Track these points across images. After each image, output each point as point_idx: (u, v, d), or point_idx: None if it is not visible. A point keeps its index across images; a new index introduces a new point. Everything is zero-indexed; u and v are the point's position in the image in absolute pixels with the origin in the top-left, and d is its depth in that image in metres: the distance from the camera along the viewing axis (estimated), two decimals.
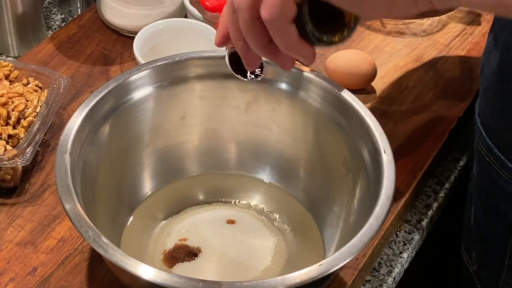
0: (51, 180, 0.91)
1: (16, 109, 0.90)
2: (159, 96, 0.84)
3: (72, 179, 0.71)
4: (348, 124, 0.81)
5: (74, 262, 0.83)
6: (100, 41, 1.11)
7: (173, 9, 1.11)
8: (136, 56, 0.98)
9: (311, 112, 0.84)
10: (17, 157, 0.86)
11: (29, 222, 0.86)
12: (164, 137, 0.87)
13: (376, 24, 1.18)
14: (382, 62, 1.10)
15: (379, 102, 1.04)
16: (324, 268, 0.66)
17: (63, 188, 0.70)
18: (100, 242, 0.66)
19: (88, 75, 1.05)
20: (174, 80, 0.84)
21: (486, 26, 1.18)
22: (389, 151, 0.76)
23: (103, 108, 0.79)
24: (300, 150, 0.87)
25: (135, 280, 0.69)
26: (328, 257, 0.68)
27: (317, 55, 1.09)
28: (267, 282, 0.65)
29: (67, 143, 0.74)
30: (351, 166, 0.81)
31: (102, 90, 0.79)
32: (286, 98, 0.85)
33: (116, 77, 0.81)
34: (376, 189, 0.73)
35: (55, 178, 0.72)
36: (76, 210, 0.68)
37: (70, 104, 1.01)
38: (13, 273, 0.81)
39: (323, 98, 0.83)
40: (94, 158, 0.78)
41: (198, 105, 0.87)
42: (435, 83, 1.08)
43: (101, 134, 0.79)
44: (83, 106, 0.77)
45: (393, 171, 0.74)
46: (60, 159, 0.72)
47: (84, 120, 0.76)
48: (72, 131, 0.75)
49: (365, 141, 0.78)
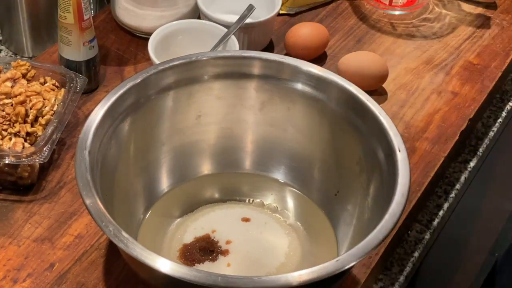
0: (67, 178, 0.92)
1: (34, 107, 0.91)
2: (176, 95, 0.85)
3: (91, 175, 0.72)
4: (363, 123, 0.82)
5: (91, 259, 0.84)
6: (114, 42, 1.13)
7: (187, 10, 1.13)
8: (151, 57, 0.99)
9: (325, 112, 0.85)
10: (35, 154, 0.87)
11: (46, 219, 0.88)
12: (181, 136, 0.88)
13: (387, 27, 1.19)
14: (393, 64, 1.11)
15: (390, 104, 1.06)
16: (341, 264, 0.67)
17: (83, 183, 0.71)
18: (120, 236, 0.67)
19: (103, 76, 1.07)
20: (191, 79, 0.85)
21: (495, 29, 1.19)
22: (404, 149, 0.77)
23: (122, 105, 0.80)
24: (314, 150, 0.88)
25: (153, 275, 0.70)
26: (343, 253, 0.69)
27: (329, 57, 1.12)
28: (284, 277, 0.66)
29: (87, 140, 0.75)
30: (365, 165, 0.82)
31: (121, 87, 0.80)
32: (301, 97, 0.86)
33: (134, 76, 0.82)
34: (391, 187, 0.74)
35: (75, 173, 0.72)
36: (97, 206, 0.69)
37: (85, 104, 1.02)
38: (30, 269, 0.82)
39: (338, 98, 0.84)
40: (113, 154, 0.79)
41: (214, 104, 0.88)
42: (446, 85, 1.09)
43: (120, 131, 0.80)
44: (102, 103, 0.78)
45: (408, 169, 0.75)
46: (80, 154, 0.73)
47: (104, 117, 0.77)
48: (92, 127, 0.76)
49: (380, 140, 0.79)
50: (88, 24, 0.98)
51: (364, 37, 1.17)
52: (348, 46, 1.15)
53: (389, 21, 1.20)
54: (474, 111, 1.06)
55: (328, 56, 1.12)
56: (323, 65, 1.11)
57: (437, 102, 1.06)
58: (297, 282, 0.66)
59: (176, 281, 0.66)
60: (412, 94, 1.07)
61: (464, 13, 1.22)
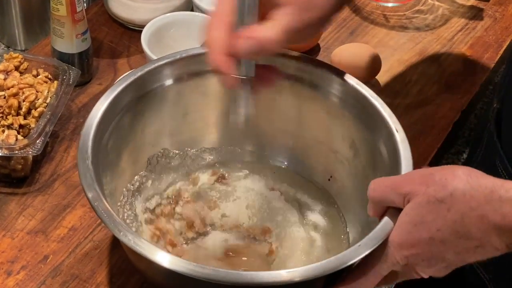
0: (61, 170, 0.92)
1: (27, 100, 0.91)
2: (178, 89, 0.84)
3: (94, 168, 0.71)
4: (355, 107, 0.81)
5: (85, 251, 0.84)
6: (107, 35, 1.13)
7: (180, 3, 1.12)
8: (145, 49, 0.99)
9: (314, 98, 0.84)
10: (28, 147, 0.87)
11: (39, 211, 0.87)
12: (182, 130, 0.87)
13: (380, 19, 1.19)
14: (386, 56, 1.11)
15: (383, 95, 1.03)
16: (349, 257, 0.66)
17: (85, 178, 0.69)
18: (139, 243, 0.65)
19: (96, 68, 1.06)
20: (191, 74, 0.84)
21: (488, 21, 1.19)
22: (401, 130, 0.76)
23: (123, 100, 0.78)
24: (307, 138, 0.87)
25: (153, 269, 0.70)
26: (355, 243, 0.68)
27: (322, 49, 1.12)
28: (278, 274, 0.65)
29: (87, 145, 0.72)
30: (360, 148, 0.81)
31: (124, 80, 0.79)
32: (287, 87, 0.85)
33: (131, 72, 0.80)
34: (394, 171, 0.73)
35: (77, 168, 0.70)
36: (113, 217, 0.67)
37: (79, 96, 1.02)
38: (24, 261, 0.82)
39: (327, 84, 0.83)
40: (114, 149, 0.78)
41: (202, 101, 0.87)
42: (439, 77, 1.09)
43: (122, 125, 0.79)
44: (104, 98, 0.77)
45: (409, 149, 0.74)
46: (83, 165, 0.71)
47: (105, 111, 0.76)
48: (93, 124, 0.74)
49: (375, 122, 0.78)
50: (80, 16, 0.98)
51: (357, 29, 1.17)
52: (341, 38, 1.15)
53: (382, 13, 1.20)
54: (467, 102, 1.06)
55: (322, 48, 1.13)
56: (316, 57, 1.11)
57: (430, 94, 1.07)
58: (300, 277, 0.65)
59: (175, 275, 0.65)
60: (405, 85, 1.08)
61: (457, 5, 1.22)
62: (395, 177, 0.68)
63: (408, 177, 0.66)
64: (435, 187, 0.62)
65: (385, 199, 0.66)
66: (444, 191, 0.61)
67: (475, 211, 0.60)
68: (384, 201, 0.67)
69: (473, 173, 0.61)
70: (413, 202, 0.63)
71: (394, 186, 0.65)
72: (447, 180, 0.61)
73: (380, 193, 0.67)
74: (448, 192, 0.61)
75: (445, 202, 0.61)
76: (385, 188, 0.66)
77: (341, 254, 0.66)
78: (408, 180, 0.65)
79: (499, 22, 1.19)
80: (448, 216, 0.61)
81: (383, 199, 0.67)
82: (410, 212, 0.63)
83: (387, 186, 0.66)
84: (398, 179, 0.67)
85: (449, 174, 0.62)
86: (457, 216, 0.61)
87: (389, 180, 0.67)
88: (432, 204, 0.62)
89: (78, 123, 0.98)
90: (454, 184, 0.61)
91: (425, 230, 0.62)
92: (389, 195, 0.66)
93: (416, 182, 0.63)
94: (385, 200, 0.66)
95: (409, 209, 0.64)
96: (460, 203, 0.60)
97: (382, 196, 0.66)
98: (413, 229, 0.63)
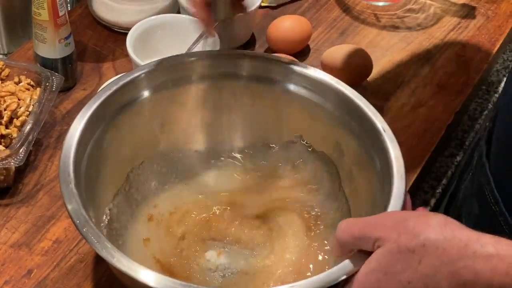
0: (45, 180, 0.90)
1: (9, 109, 0.88)
2: (160, 98, 0.82)
3: (75, 179, 0.69)
4: (336, 109, 0.79)
5: (70, 264, 0.81)
6: (91, 38, 1.10)
7: (166, 5, 1.10)
8: (130, 53, 0.97)
9: (294, 100, 0.82)
10: (10, 157, 0.84)
11: (23, 223, 0.85)
12: (169, 139, 0.85)
13: (371, 19, 1.17)
14: (378, 56, 1.09)
15: (375, 98, 1.02)
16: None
17: (67, 191, 0.68)
18: (122, 261, 0.64)
19: (80, 73, 1.04)
20: (175, 81, 0.82)
21: (481, 19, 1.17)
22: (388, 129, 0.73)
23: (101, 115, 0.76)
24: (290, 139, 0.85)
25: None
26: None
27: (312, 50, 1.10)
28: None
29: (70, 172, 0.70)
30: (345, 150, 0.79)
31: (98, 97, 0.77)
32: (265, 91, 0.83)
33: (114, 80, 0.78)
34: (387, 172, 0.71)
35: (59, 179, 0.69)
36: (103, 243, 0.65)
37: (62, 102, 0.99)
38: (8, 276, 0.80)
39: (306, 86, 0.81)
40: (98, 162, 0.76)
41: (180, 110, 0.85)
42: (431, 78, 1.07)
43: (104, 138, 0.77)
44: (84, 110, 0.75)
45: (398, 148, 0.72)
46: (66, 190, 0.69)
47: (86, 125, 0.74)
48: (74, 139, 0.72)
49: (359, 122, 0.76)
50: (63, 21, 0.95)
51: (348, 29, 1.15)
52: (332, 39, 1.12)
53: (372, 12, 1.18)
54: (460, 104, 1.04)
55: (312, 50, 1.10)
56: (306, 59, 1.09)
57: (422, 95, 1.04)
58: None
59: None
60: (398, 87, 1.05)
61: (448, 4, 1.20)
62: (367, 219, 0.63)
63: (380, 221, 0.62)
64: (407, 235, 0.58)
65: (353, 243, 0.63)
66: (415, 241, 0.58)
67: (447, 266, 0.57)
68: (352, 244, 0.63)
69: (449, 224, 0.58)
70: (383, 249, 0.60)
71: (365, 230, 0.62)
72: (420, 229, 0.58)
73: (348, 235, 0.63)
74: (420, 242, 0.58)
75: (417, 253, 0.58)
76: (355, 232, 0.63)
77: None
78: (380, 224, 0.61)
79: (491, 20, 1.17)
80: (419, 269, 0.58)
81: (351, 242, 0.63)
82: (380, 260, 0.60)
83: (358, 229, 0.63)
84: (370, 221, 0.63)
85: (422, 223, 0.58)
86: (428, 270, 0.57)
87: (361, 222, 0.63)
88: (403, 254, 0.58)
89: (63, 130, 0.95)
90: (426, 234, 0.58)
91: (395, 281, 0.59)
92: (357, 240, 0.62)
93: (388, 228, 0.60)
94: (353, 243, 0.63)
95: (379, 256, 0.60)
96: (432, 256, 0.57)
97: (351, 239, 0.63)
98: (383, 278, 0.60)
